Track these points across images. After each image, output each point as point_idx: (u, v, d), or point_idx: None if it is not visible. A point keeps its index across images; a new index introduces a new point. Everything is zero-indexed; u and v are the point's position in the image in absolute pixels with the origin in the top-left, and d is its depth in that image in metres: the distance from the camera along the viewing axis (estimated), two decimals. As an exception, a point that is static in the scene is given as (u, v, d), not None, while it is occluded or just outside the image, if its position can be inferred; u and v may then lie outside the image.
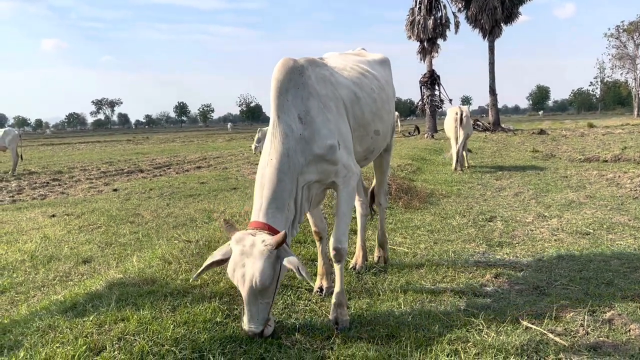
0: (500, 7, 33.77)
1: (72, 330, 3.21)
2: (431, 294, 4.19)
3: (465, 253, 5.44)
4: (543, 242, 5.81)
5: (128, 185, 13.08)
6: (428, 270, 4.85)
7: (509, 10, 34.44)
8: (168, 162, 19.77)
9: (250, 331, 3.10)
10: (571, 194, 8.77)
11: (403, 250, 5.57)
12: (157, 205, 9.62)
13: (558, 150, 18.00)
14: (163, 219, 8.15)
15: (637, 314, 3.61)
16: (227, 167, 17.29)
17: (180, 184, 12.98)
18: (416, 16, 32.92)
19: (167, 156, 23.44)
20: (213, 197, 10.51)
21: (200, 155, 23.61)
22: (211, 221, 7.42)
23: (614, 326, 3.41)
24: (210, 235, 5.68)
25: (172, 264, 4.71)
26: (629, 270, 4.65)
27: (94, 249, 6.29)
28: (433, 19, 32.70)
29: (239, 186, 12.08)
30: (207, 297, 3.86)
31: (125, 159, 22.59)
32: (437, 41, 33.41)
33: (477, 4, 34.14)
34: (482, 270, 4.81)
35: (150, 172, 16.42)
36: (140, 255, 5.50)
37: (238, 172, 15.47)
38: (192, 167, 17.71)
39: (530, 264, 4.98)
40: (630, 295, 3.99)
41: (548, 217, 7.07)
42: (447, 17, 33.44)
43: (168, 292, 3.94)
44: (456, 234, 6.29)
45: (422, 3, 32.92)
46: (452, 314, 3.76)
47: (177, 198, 10.51)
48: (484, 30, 34.91)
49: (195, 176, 14.71)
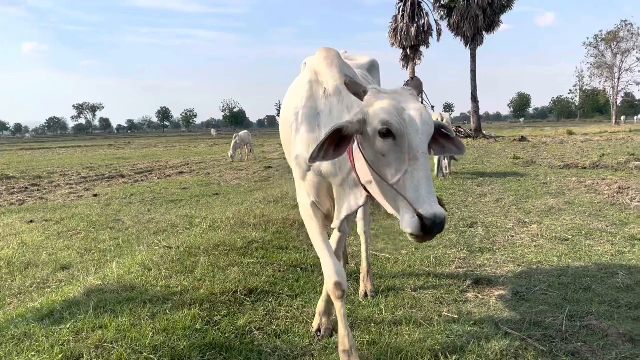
0: (482, 16, 34.17)
1: (48, 339, 3.16)
2: (412, 300, 4.20)
3: (446, 259, 5.46)
4: (523, 248, 5.87)
5: (109, 191, 12.94)
6: (409, 276, 4.86)
7: (490, 18, 34.85)
8: (150, 168, 19.61)
9: (441, 215, 2.11)
10: (551, 200, 8.87)
11: (385, 256, 5.58)
12: (138, 210, 9.53)
13: (538, 157, 18.22)
14: (144, 224, 8.06)
15: (614, 319, 3.66)
16: (210, 172, 17.21)
17: (161, 189, 12.88)
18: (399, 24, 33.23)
19: (148, 161, 23.26)
20: (195, 202, 10.44)
21: (182, 160, 23.47)
22: (192, 227, 7.37)
23: (591, 331, 3.45)
24: (192, 242, 5.64)
25: (152, 270, 4.66)
26: (606, 275, 4.71)
27: (73, 255, 6.20)
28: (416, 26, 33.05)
29: (221, 192, 12.02)
30: (187, 303, 3.82)
31: (107, 164, 22.37)
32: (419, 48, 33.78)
33: (459, 12, 34.52)
34: (463, 276, 4.84)
35: (131, 177, 16.27)
36: (120, 261, 5.43)
37: (220, 177, 15.41)
38: (174, 172, 17.59)
39: (511, 270, 5.02)
40: (608, 301, 4.04)
41: (528, 223, 7.14)
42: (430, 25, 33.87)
43: (147, 298, 3.89)
44: (437, 240, 6.31)
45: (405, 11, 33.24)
46: (433, 319, 3.78)
47: (159, 204, 10.42)
48: (466, 38, 35.29)
49: (177, 182, 14.61)
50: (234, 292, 4.11)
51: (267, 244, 5.57)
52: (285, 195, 8.57)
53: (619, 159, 15.04)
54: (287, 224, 6.50)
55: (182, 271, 4.61)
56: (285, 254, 5.37)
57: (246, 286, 4.21)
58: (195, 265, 4.74)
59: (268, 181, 13.96)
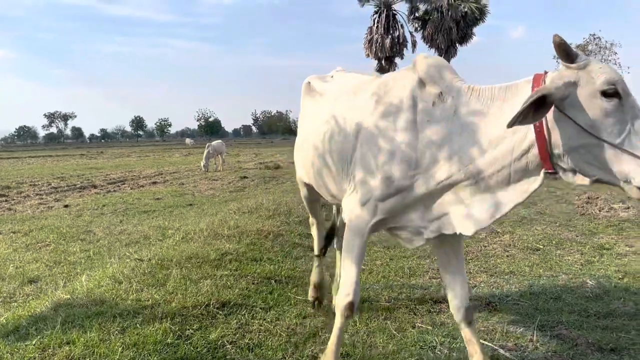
0: (455, 28, 34.74)
1: (13, 355, 3.07)
2: (386, 311, 4.20)
3: (420, 269, 5.49)
4: (495, 257, 5.93)
5: (80, 201, 12.69)
6: (384, 287, 4.87)
7: (463, 31, 35.45)
8: (123, 178, 19.32)
9: None
10: (523, 210, 9.00)
11: (359, 267, 5.57)
12: (109, 222, 9.37)
13: (510, 167, 18.49)
14: (116, 236, 7.93)
15: (583, 329, 3.71)
16: (184, 182, 17.04)
17: (134, 199, 12.69)
18: (374, 35, 33.57)
19: (121, 171, 22.91)
20: (168, 213, 10.32)
21: (156, 170, 23.18)
22: (165, 238, 7.27)
23: (561, 341, 3.50)
24: (164, 254, 5.55)
25: (122, 283, 4.57)
26: (575, 285, 4.79)
27: (41, 268, 6.05)
28: (390, 38, 33.44)
29: (195, 202, 11.90)
30: (158, 317, 3.75)
31: (78, 174, 21.95)
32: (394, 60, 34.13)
33: (433, 24, 35.03)
34: (436, 286, 4.87)
35: (103, 187, 15.99)
36: (90, 274, 5.32)
37: (195, 187, 15.26)
38: (148, 182, 17.35)
39: (483, 280, 5.07)
40: (577, 310, 4.11)
41: (500, 233, 7.23)
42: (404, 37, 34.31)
43: (117, 312, 3.81)
44: (411, 250, 6.34)
45: (379, 22, 33.62)
46: (407, 330, 3.79)
47: (131, 214, 10.26)
48: (440, 50, 35.78)
49: (150, 192, 14.42)
50: (206, 305, 4.05)
51: (241, 255, 5.52)
52: (260, 205, 8.53)
53: (588, 169, 15.35)
54: (261, 235, 6.46)
55: (154, 284, 4.53)
56: (259, 265, 5.32)
57: (219, 299, 4.16)
58: (167, 278, 4.67)
59: (243, 191, 13.88)
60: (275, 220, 7.37)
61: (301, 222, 7.49)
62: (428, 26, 35.38)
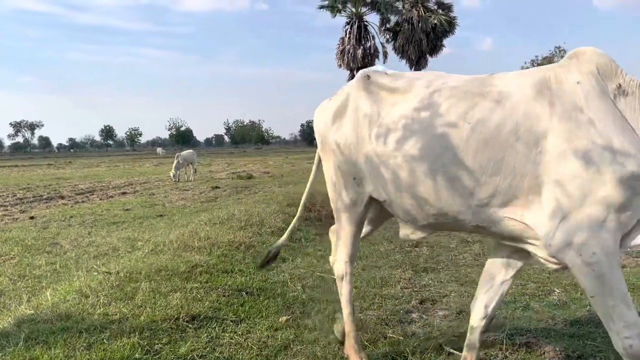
0: (426, 40, 35.25)
1: (-28, 374, 2.96)
2: (358, 322, 4.19)
3: (392, 279, 5.51)
4: (466, 267, 6.00)
5: (47, 213, 12.39)
6: (356, 297, 4.86)
7: (433, 42, 36.00)
8: (91, 188, 18.96)
9: None
10: (492, 219, 9.14)
11: (332, 278, 5.55)
12: (77, 233, 9.16)
13: (480, 176, 18.79)
14: (83, 248, 7.76)
15: (551, 337, 3.77)
16: (154, 193, 16.80)
17: (103, 210, 12.45)
18: (346, 46, 33.80)
19: (90, 181, 22.48)
20: (138, 224, 10.15)
21: (126, 180, 22.82)
22: (134, 250, 7.14)
23: (530, 349, 3.55)
24: (132, 266, 5.45)
25: (89, 297, 4.46)
26: (543, 293, 4.88)
27: (5, 282, 5.87)
28: (362, 48, 33.72)
29: (165, 213, 11.74)
30: (126, 332, 3.68)
31: (45, 184, 21.44)
32: (366, 70, 34.42)
33: (404, 35, 35.48)
34: (407, 296, 4.89)
35: (71, 198, 15.66)
36: (56, 288, 5.18)
37: (165, 198, 15.06)
38: (117, 193, 17.07)
39: (454, 289, 5.11)
40: (545, 318, 4.18)
41: (471, 242, 7.32)
42: (376, 48, 34.63)
43: (84, 328, 3.72)
44: (384, 260, 6.38)
45: (351, 33, 33.89)
46: (379, 341, 3.80)
47: (100, 226, 10.06)
48: (411, 61, 36.26)
49: (120, 202, 14.17)
50: (175, 318, 3.98)
51: (212, 267, 5.45)
52: (232, 216, 8.46)
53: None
54: (232, 246, 6.41)
55: (122, 298, 4.44)
56: (230, 277, 5.27)
57: (189, 312, 4.10)
58: (136, 291, 4.58)
59: (215, 202, 13.76)
60: (247, 231, 7.32)
61: (273, 233, 7.46)
62: (399, 37, 35.84)
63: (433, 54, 36.68)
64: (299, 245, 7.20)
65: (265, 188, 16.28)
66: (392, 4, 35.88)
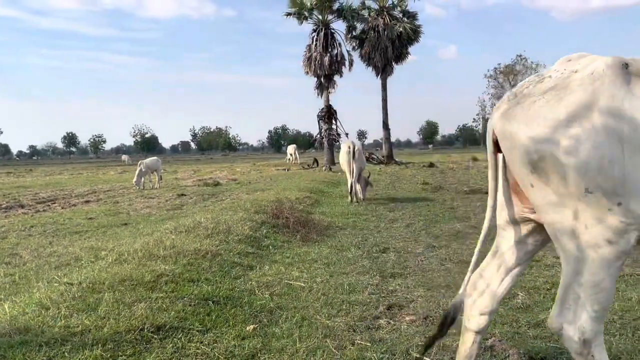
0: (391, 47, 35.75)
1: None
2: (326, 329, 4.19)
3: (360, 285, 5.53)
4: (432, 272, 6.06)
5: (6, 222, 12.00)
6: (324, 304, 4.86)
7: (399, 50, 36.54)
8: (53, 196, 18.46)
9: None
10: (458, 224, 9.28)
11: (300, 285, 5.55)
12: (38, 243, 8.90)
13: (446, 182, 19.08)
14: (44, 258, 7.54)
15: (515, 339, 3.85)
16: (119, 201, 16.46)
17: (65, 219, 12.13)
18: (313, 53, 33.98)
19: (52, 190, 21.89)
20: (102, 233, 9.92)
21: (89, 188, 22.30)
22: (98, 260, 6.97)
23: (495, 352, 3.61)
24: (95, 277, 5.31)
25: (50, 309, 4.33)
26: (507, 297, 4.95)
27: (-40, 295, 5.65)
28: (329, 56, 33.96)
29: (130, 221, 11.52)
30: (88, 344, 3.58)
31: (4, 193, 20.78)
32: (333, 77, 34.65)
33: (370, 43, 35.90)
34: (375, 302, 4.91)
35: (32, 207, 15.21)
36: (15, 300, 5.01)
37: (130, 206, 14.78)
38: (80, 201, 16.65)
39: (421, 295, 5.16)
40: (509, 321, 4.26)
41: (437, 247, 7.41)
42: (343, 55, 34.92)
43: (44, 341, 3.61)
44: (351, 266, 6.39)
45: (318, 40, 34.08)
46: (347, 348, 3.79)
47: (62, 235, 9.80)
48: (377, 68, 36.71)
49: (82, 211, 13.84)
50: (140, 329, 3.91)
51: (177, 276, 5.37)
52: (198, 224, 8.35)
53: (518, 183, 16.05)
54: (199, 255, 6.32)
55: (84, 309, 4.33)
56: (197, 286, 5.19)
57: (154, 322, 4.02)
58: (99, 302, 4.47)
59: (181, 209, 13.56)
60: (214, 239, 7.23)
61: (240, 241, 7.40)
62: (365, 45, 36.26)
63: (399, 61, 37.26)
64: (267, 253, 7.16)
65: (233, 195, 16.14)
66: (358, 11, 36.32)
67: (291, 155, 43.40)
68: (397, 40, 35.96)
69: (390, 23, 35.84)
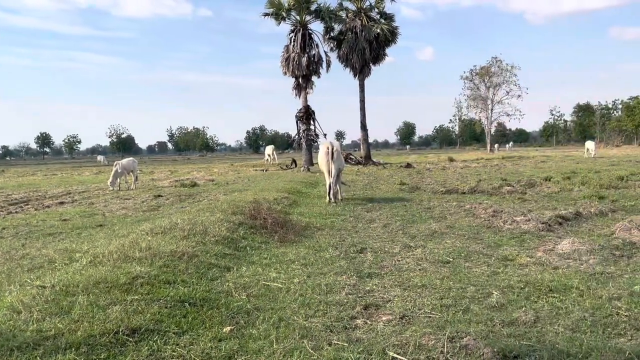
0: (369, 48, 35.91)
1: None
2: (303, 330, 4.20)
3: (337, 286, 5.54)
4: (409, 271, 6.11)
5: (-24, 225, 11.75)
6: (301, 305, 4.87)
7: (376, 51, 36.72)
8: (26, 198, 18.11)
9: None
10: (434, 224, 9.36)
11: (277, 286, 5.55)
12: (10, 246, 8.73)
13: (423, 182, 19.23)
14: (17, 261, 7.40)
15: (490, 338, 3.90)
16: (94, 202, 16.23)
17: (39, 221, 11.92)
18: (291, 53, 33.92)
19: (25, 191, 21.48)
20: (76, 235, 9.77)
21: (63, 189, 21.94)
22: (72, 262, 6.86)
23: (470, 351, 3.65)
24: (69, 279, 5.24)
25: (21, 313, 4.26)
26: (482, 296, 5.03)
27: None
28: (307, 56, 33.92)
29: (105, 223, 11.36)
30: (61, 348, 3.53)
31: (-26, 194, 20.33)
32: (311, 78, 34.65)
33: (347, 44, 36.01)
34: (352, 302, 4.93)
35: (4, 208, 14.90)
36: (-15, 304, 4.92)
37: (105, 207, 14.58)
38: (54, 202, 16.37)
39: (397, 294, 5.19)
40: (484, 320, 4.32)
41: (413, 247, 7.47)
42: (320, 56, 34.94)
43: (15, 345, 3.55)
44: (329, 267, 6.41)
45: (296, 41, 34.04)
46: (324, 348, 3.80)
47: (35, 237, 9.62)
48: (355, 69, 36.82)
49: (57, 213, 13.61)
50: (115, 332, 3.86)
51: (153, 278, 5.32)
52: (175, 225, 8.28)
53: (494, 184, 16.29)
54: (175, 256, 6.27)
55: (57, 312, 4.26)
56: (173, 288, 5.15)
57: (129, 325, 3.98)
58: (73, 305, 4.41)
59: (157, 211, 13.43)
60: (190, 241, 7.19)
61: (217, 242, 7.36)
62: (343, 46, 36.36)
63: (376, 62, 37.45)
64: (244, 254, 7.13)
65: (210, 196, 16.04)
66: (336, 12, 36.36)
67: (269, 155, 43.34)
68: (374, 42, 36.14)
69: (368, 24, 36.01)
